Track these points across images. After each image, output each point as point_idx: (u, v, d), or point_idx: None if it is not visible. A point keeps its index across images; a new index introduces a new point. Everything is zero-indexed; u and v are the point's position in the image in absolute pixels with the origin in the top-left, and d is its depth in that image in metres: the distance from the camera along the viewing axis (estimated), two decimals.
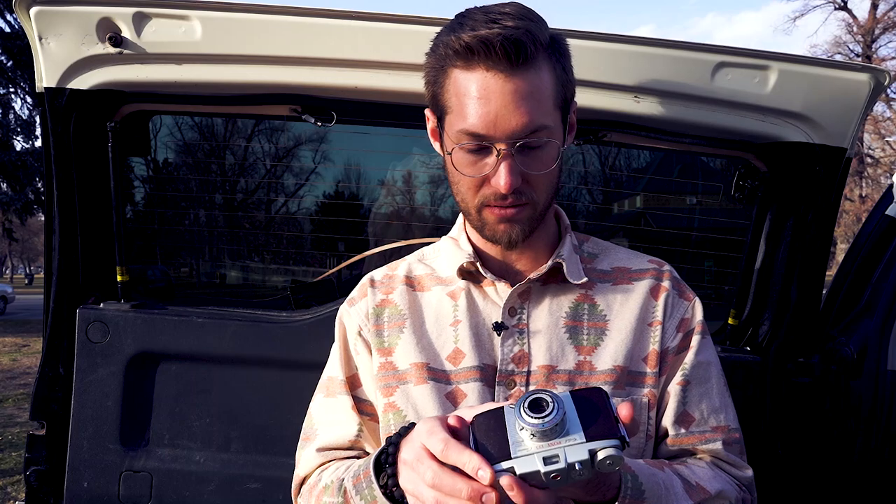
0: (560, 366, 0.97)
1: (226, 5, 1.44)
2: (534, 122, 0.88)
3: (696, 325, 1.04)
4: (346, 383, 1.07)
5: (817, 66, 1.49)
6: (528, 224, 0.96)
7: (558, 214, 1.09)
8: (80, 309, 1.60)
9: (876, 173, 27.05)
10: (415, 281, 1.08)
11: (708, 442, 1.01)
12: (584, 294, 1.02)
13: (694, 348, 1.03)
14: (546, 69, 0.90)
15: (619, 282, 1.04)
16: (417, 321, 1.03)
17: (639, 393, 0.99)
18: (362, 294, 1.09)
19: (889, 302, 1.71)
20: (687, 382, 1.01)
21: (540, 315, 1.00)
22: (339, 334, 1.10)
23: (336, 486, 0.95)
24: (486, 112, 0.88)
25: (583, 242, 1.10)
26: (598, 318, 1.01)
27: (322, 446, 1.06)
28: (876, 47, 26.49)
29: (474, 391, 0.97)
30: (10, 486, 4.54)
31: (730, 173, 1.74)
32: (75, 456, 1.60)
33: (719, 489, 0.96)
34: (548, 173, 0.93)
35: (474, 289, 1.03)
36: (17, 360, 9.74)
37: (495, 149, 0.90)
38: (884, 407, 1.66)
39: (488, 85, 0.87)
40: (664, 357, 1.01)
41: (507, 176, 0.89)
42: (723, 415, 1.03)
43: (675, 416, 1.01)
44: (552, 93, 0.90)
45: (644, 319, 1.01)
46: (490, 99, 0.87)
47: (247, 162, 2.19)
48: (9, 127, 16.84)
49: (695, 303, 1.06)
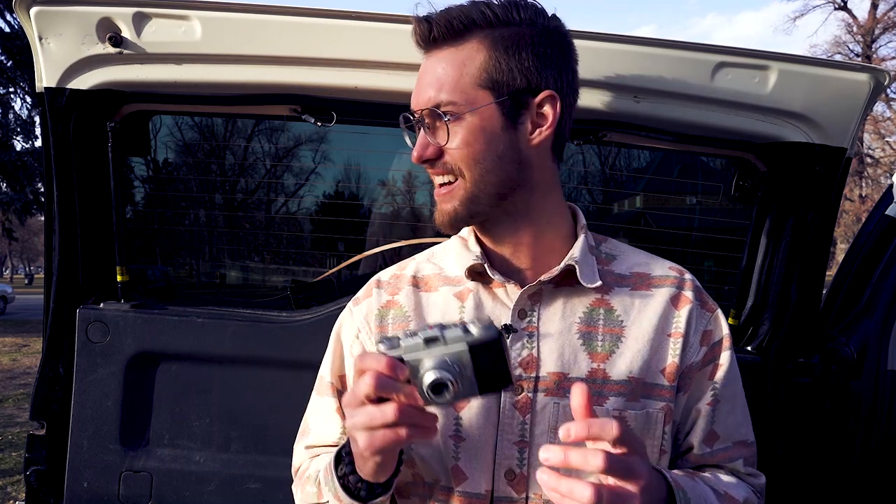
0: (572, 373, 0.94)
1: (226, 5, 1.44)
2: (437, 96, 0.93)
3: (724, 339, 1.01)
4: (333, 385, 1.07)
5: (817, 66, 1.49)
6: (461, 205, 0.95)
7: (574, 213, 1.06)
8: (80, 309, 1.60)
9: (876, 173, 27.04)
10: (421, 281, 1.06)
11: (731, 460, 1.02)
12: (601, 298, 0.99)
13: (724, 366, 1.00)
14: (473, 47, 0.92)
15: (638, 287, 1.00)
16: (422, 323, 1.01)
17: (654, 406, 0.95)
18: (367, 294, 1.08)
19: (889, 302, 1.71)
20: (717, 401, 1.00)
21: (552, 319, 0.97)
22: (336, 332, 1.10)
23: (313, 478, 0.98)
24: (414, 92, 0.97)
25: (600, 243, 1.06)
26: (615, 324, 0.97)
27: (310, 444, 1.09)
28: (876, 47, 26.49)
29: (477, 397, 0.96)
30: (10, 486, 4.54)
31: (730, 173, 1.74)
32: (75, 456, 1.60)
33: (745, 497, 0.97)
34: (463, 147, 0.93)
35: (483, 290, 1.01)
36: (17, 360, 9.74)
37: (416, 124, 0.97)
38: (884, 407, 1.66)
39: (421, 68, 0.97)
40: (688, 373, 0.98)
41: (416, 144, 0.96)
42: (744, 428, 1.03)
43: (702, 435, 1.00)
44: (473, 71, 0.92)
45: (664, 329, 0.98)
46: (418, 80, 0.96)
47: (247, 162, 2.19)
48: (9, 127, 16.83)
49: (717, 314, 1.03)
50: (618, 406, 0.94)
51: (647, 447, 0.94)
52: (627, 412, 0.94)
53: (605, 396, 0.94)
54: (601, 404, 0.93)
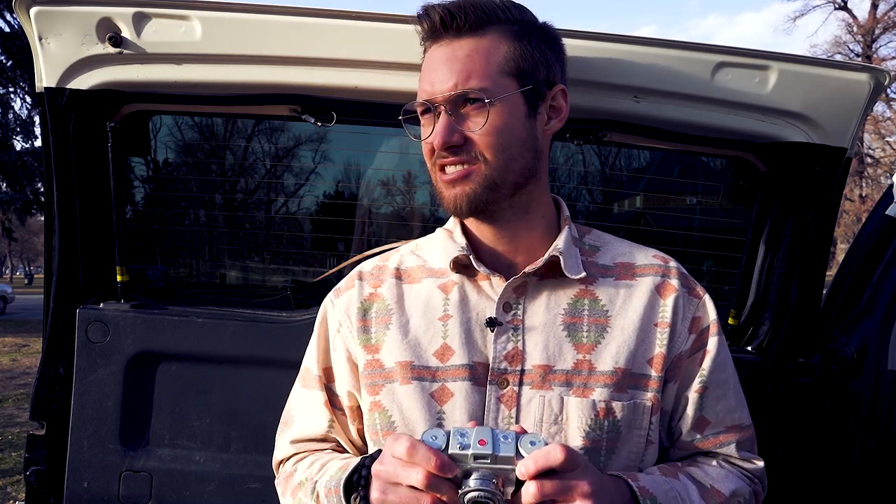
0: (557, 365, 0.94)
1: (226, 5, 1.44)
2: (467, 82, 0.92)
3: (712, 325, 1.01)
4: (321, 378, 1.07)
5: (817, 66, 1.48)
6: (479, 190, 0.94)
7: (558, 204, 1.07)
8: (80, 309, 1.60)
9: (876, 173, 27.05)
10: (405, 273, 1.05)
11: (722, 445, 1.01)
12: (585, 289, 0.99)
13: (712, 352, 1.00)
14: (495, 38, 0.94)
15: (622, 277, 1.01)
16: (404, 315, 1.01)
17: (641, 396, 0.96)
18: (349, 286, 1.07)
19: (889, 302, 1.71)
20: (705, 388, 0.99)
21: (537, 311, 0.97)
22: (319, 323, 1.09)
23: (309, 489, 0.97)
24: (430, 80, 0.95)
25: (584, 235, 1.07)
26: (600, 314, 0.97)
27: (296, 438, 1.08)
28: (876, 47, 26.50)
29: (462, 390, 0.95)
30: (10, 486, 4.54)
31: (730, 173, 1.74)
32: (75, 456, 1.60)
33: (733, 489, 0.96)
34: (491, 135, 0.93)
35: (468, 283, 1.00)
36: (17, 360, 9.74)
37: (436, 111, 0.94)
38: (884, 407, 1.66)
39: (435, 56, 0.95)
40: (677, 362, 0.98)
41: (440, 130, 0.93)
42: (738, 413, 1.02)
43: (691, 422, 1.00)
44: (499, 59, 0.93)
45: (650, 319, 0.98)
46: (435, 67, 0.95)
47: (247, 162, 2.19)
48: (9, 127, 16.84)
49: (705, 300, 1.02)
50: (604, 397, 0.93)
51: (634, 438, 0.95)
52: (614, 403, 0.94)
53: (591, 388, 0.94)
54: (587, 395, 0.93)
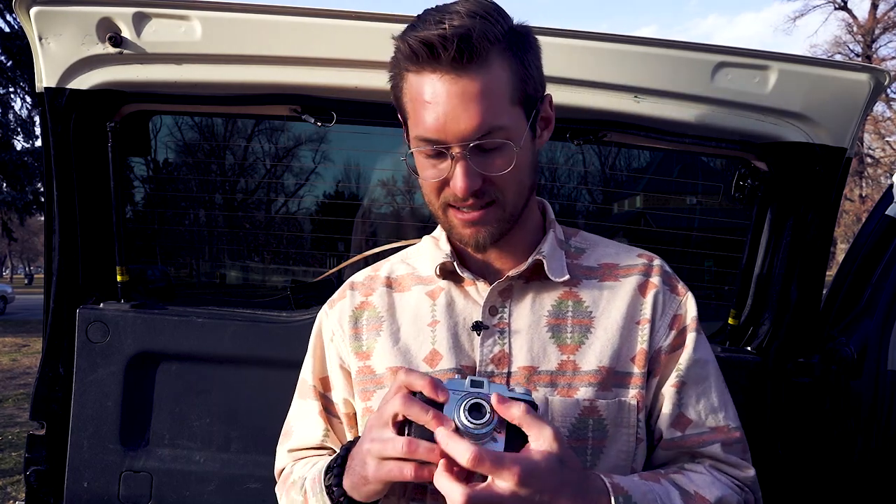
0: (542, 366, 0.95)
1: (226, 5, 1.44)
2: (486, 124, 0.86)
3: (690, 322, 1.00)
4: (315, 388, 1.08)
5: (817, 66, 1.49)
6: (497, 225, 0.93)
7: (544, 208, 1.06)
8: (80, 309, 1.60)
9: (876, 173, 27.05)
10: (395, 281, 1.06)
11: (705, 445, 0.98)
12: (569, 291, 0.99)
13: (689, 347, 0.99)
14: (499, 66, 0.86)
15: (606, 278, 1.01)
16: (394, 323, 1.02)
17: (626, 394, 0.96)
18: (341, 297, 1.09)
19: (889, 302, 1.71)
20: (682, 384, 0.98)
21: (522, 314, 0.98)
22: (315, 335, 1.11)
23: (300, 484, 0.98)
24: (436, 116, 0.86)
25: (570, 237, 1.06)
26: (583, 315, 0.98)
27: (293, 447, 1.10)
28: (876, 47, 26.50)
29: None
30: (10, 486, 4.54)
31: (730, 173, 1.74)
32: (75, 456, 1.60)
33: (719, 496, 0.93)
34: (511, 172, 0.89)
35: (455, 288, 1.01)
36: (17, 360, 9.74)
37: (450, 152, 0.88)
38: (884, 407, 1.66)
39: (436, 89, 0.86)
40: (656, 357, 0.98)
41: (464, 179, 0.87)
42: (722, 414, 1.00)
43: (670, 419, 0.98)
44: (507, 90, 0.87)
45: (632, 317, 0.98)
46: (439, 103, 0.86)
47: (247, 162, 2.19)
48: (9, 127, 16.84)
49: (687, 298, 1.02)
50: (588, 396, 0.93)
51: (622, 436, 0.95)
52: (598, 401, 0.94)
53: (576, 388, 0.94)
54: (571, 395, 0.93)
